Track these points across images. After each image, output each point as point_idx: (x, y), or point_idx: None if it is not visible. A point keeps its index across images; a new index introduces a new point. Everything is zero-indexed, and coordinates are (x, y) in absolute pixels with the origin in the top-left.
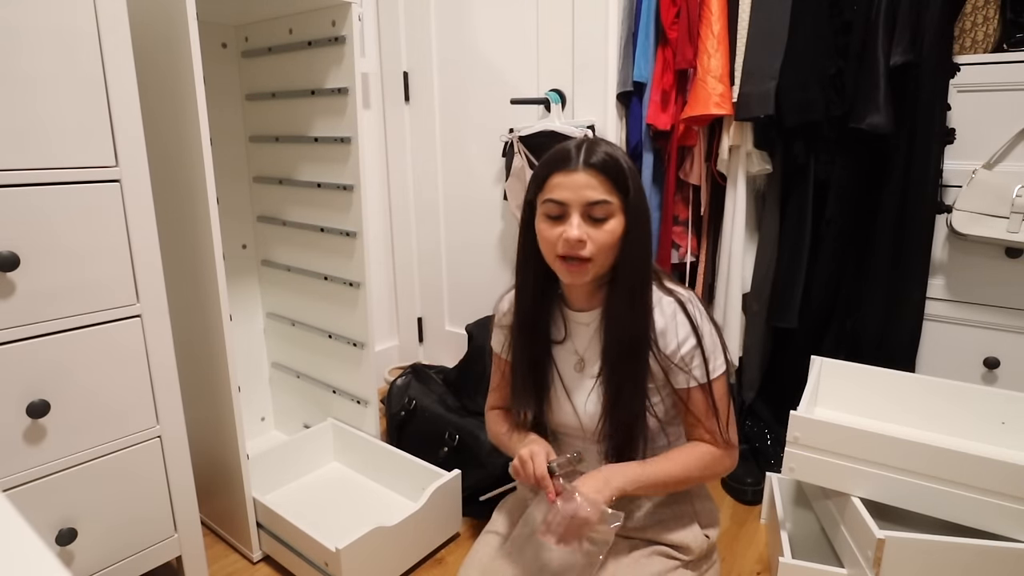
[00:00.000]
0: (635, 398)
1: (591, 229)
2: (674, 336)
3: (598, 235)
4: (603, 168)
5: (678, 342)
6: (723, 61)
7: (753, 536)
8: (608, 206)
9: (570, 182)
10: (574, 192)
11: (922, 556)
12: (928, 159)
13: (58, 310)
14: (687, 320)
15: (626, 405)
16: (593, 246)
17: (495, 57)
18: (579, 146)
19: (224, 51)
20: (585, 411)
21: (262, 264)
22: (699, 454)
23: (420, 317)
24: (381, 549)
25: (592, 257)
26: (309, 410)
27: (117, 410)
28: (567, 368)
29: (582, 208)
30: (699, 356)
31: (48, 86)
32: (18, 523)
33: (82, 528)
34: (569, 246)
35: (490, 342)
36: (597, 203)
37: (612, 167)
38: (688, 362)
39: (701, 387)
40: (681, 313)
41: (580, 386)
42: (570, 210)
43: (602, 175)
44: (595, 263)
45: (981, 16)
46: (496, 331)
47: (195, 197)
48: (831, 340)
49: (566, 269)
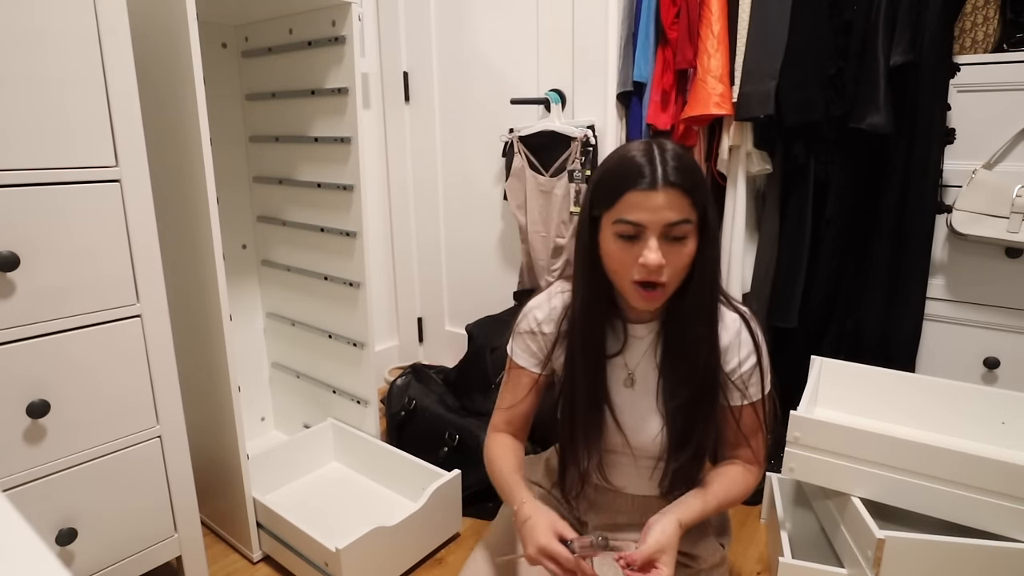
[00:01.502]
0: (707, 423)
1: (668, 251)
2: (736, 353)
3: (675, 259)
4: (683, 184)
5: (739, 359)
6: (723, 61)
7: (753, 536)
8: (687, 226)
9: (649, 203)
10: (653, 214)
11: (922, 556)
12: (928, 159)
13: (58, 310)
14: (750, 338)
15: (695, 430)
16: (670, 270)
17: (495, 57)
18: (652, 158)
19: (224, 51)
20: (638, 431)
21: (262, 264)
22: (743, 476)
23: (420, 317)
24: (381, 549)
25: (668, 281)
26: (309, 410)
27: (117, 410)
28: (616, 384)
29: (661, 230)
30: (757, 374)
31: (48, 86)
32: (18, 523)
33: (82, 528)
34: (648, 272)
35: (509, 351)
36: (677, 223)
37: (690, 181)
38: (746, 380)
39: (753, 405)
40: (746, 331)
41: (630, 403)
42: (647, 232)
43: (683, 192)
44: (670, 286)
45: (981, 16)
46: (523, 339)
47: (195, 197)
48: (831, 340)
49: (642, 296)
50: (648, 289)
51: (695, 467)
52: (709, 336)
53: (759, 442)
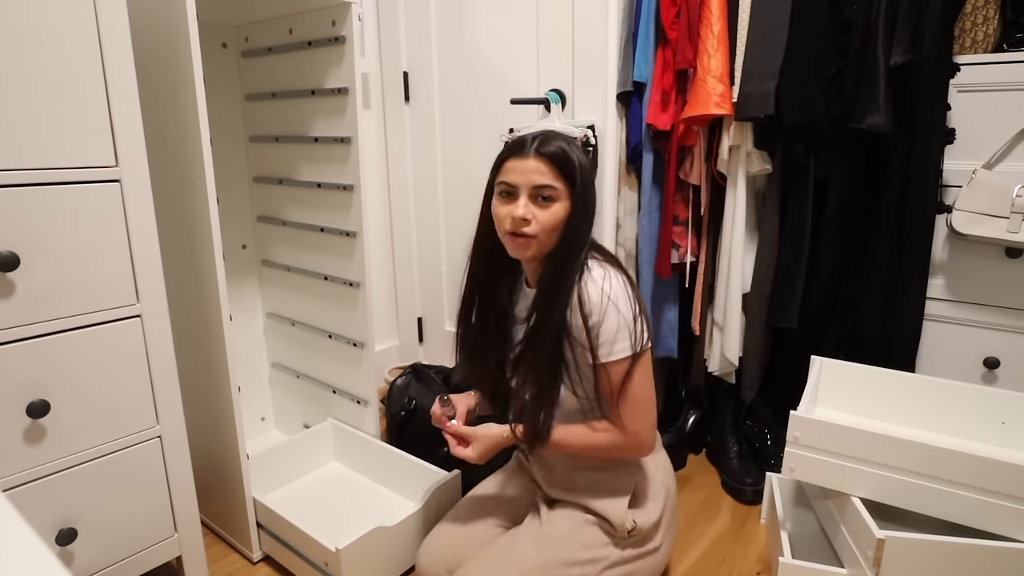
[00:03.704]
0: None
1: (537, 210)
2: (597, 312)
3: (543, 215)
4: (551, 157)
5: (598, 318)
6: (723, 61)
7: (753, 536)
8: (554, 190)
9: (521, 167)
10: (524, 176)
11: (922, 556)
12: (928, 159)
13: (58, 310)
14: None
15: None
16: (537, 225)
17: (495, 57)
18: (534, 136)
19: (224, 51)
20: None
21: (262, 264)
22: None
23: (420, 317)
24: (381, 549)
25: (536, 235)
26: (309, 410)
27: (117, 410)
28: (517, 333)
29: (530, 190)
30: (617, 335)
31: (48, 86)
32: (18, 523)
33: (82, 528)
34: (515, 223)
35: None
36: (543, 186)
37: (560, 157)
38: (604, 339)
39: (606, 366)
40: (598, 290)
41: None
42: (520, 191)
43: (550, 163)
44: (539, 241)
45: (981, 16)
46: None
47: (195, 197)
48: (831, 340)
49: (512, 243)
50: (517, 238)
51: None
52: (558, 292)
53: (619, 405)
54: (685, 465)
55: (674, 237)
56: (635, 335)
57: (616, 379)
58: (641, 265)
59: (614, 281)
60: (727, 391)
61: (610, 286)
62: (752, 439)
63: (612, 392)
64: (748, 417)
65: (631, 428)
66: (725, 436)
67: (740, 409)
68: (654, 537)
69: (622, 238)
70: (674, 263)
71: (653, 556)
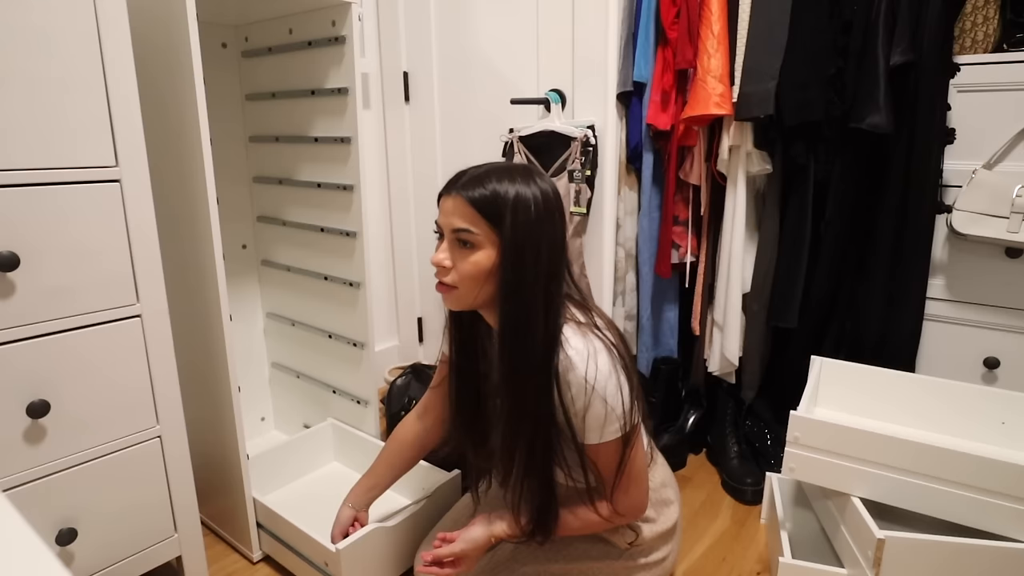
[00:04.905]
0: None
1: (456, 255)
2: (575, 399)
3: (462, 264)
4: (472, 199)
5: (580, 406)
6: (723, 61)
7: (753, 536)
8: (472, 235)
9: (443, 207)
10: (444, 217)
11: (922, 556)
12: (928, 159)
13: (58, 310)
14: (583, 387)
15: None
16: (456, 274)
17: (495, 57)
18: (466, 173)
19: (224, 51)
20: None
21: (262, 264)
22: (575, 514)
23: (420, 317)
24: (381, 549)
25: (455, 285)
26: (309, 410)
27: (117, 410)
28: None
29: (450, 234)
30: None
31: (48, 86)
32: (18, 523)
33: (82, 528)
34: (436, 269)
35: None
36: (460, 229)
37: (484, 200)
38: (579, 424)
39: (595, 447)
40: (579, 377)
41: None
42: (444, 234)
43: (468, 202)
44: (459, 293)
45: (981, 16)
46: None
47: (195, 197)
48: (831, 340)
49: (439, 290)
50: (439, 286)
51: (533, 487)
52: (527, 376)
53: (610, 483)
54: (685, 465)
55: (674, 237)
56: (625, 419)
57: (606, 459)
58: (641, 265)
59: (600, 360)
60: (727, 391)
61: (595, 369)
62: (752, 439)
63: (601, 472)
64: (748, 417)
65: (623, 506)
66: (725, 436)
67: (740, 409)
68: (660, 548)
69: (622, 238)
70: (674, 263)
71: (659, 566)
